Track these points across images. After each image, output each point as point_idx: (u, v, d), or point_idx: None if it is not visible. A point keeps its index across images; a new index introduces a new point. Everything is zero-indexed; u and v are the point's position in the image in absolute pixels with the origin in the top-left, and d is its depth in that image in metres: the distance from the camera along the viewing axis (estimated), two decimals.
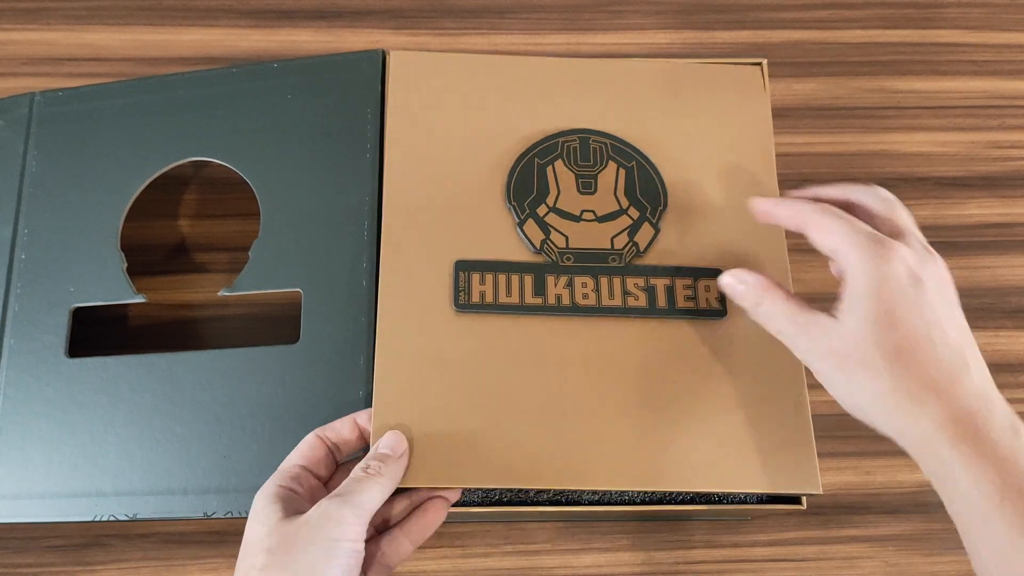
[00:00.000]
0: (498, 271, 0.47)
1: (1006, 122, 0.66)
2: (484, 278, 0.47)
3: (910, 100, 0.66)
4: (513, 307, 0.47)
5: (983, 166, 0.65)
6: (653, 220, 0.49)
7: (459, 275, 0.47)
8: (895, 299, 0.38)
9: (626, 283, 0.48)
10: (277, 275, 0.52)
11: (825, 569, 0.57)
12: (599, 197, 0.50)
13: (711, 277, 0.48)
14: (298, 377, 0.49)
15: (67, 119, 0.57)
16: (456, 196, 0.49)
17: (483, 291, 0.47)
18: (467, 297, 0.47)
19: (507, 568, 0.56)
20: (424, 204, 0.49)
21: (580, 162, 0.51)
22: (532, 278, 0.47)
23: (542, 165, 0.50)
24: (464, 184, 0.50)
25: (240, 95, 0.55)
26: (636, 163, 0.51)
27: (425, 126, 0.51)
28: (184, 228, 0.63)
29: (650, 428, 0.45)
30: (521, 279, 0.47)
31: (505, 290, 0.47)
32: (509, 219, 0.49)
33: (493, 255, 0.48)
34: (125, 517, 0.49)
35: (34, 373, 0.52)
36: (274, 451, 0.48)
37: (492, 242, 0.48)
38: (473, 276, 0.47)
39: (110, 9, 0.68)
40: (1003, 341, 0.61)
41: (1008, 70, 0.67)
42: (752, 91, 0.54)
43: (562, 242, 0.48)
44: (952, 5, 0.69)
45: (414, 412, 0.45)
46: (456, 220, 0.49)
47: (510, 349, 0.46)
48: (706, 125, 0.52)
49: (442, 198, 0.49)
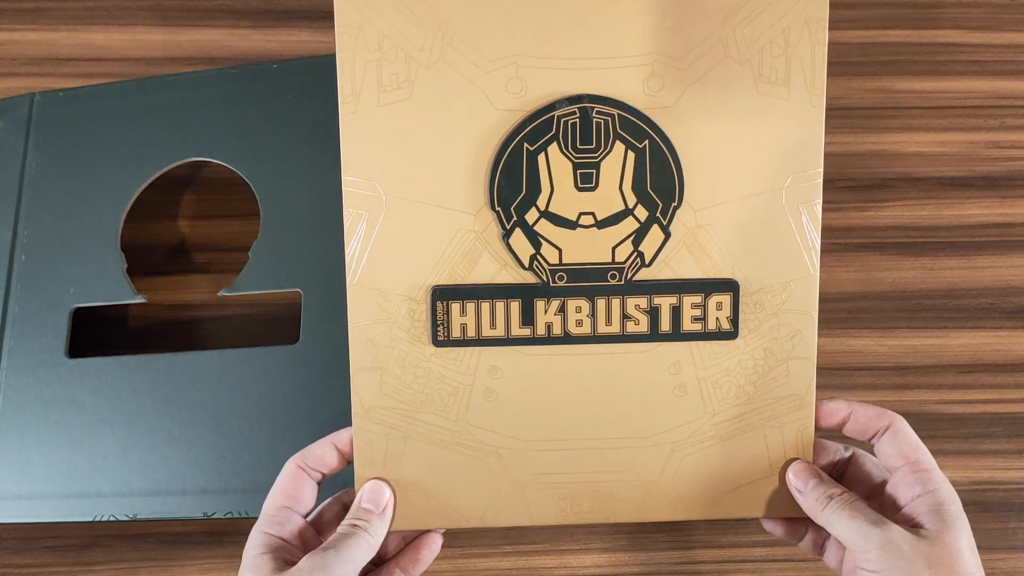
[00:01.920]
0: (480, 298, 0.42)
1: (1006, 122, 0.66)
2: (465, 308, 0.42)
3: (910, 100, 0.66)
4: (499, 340, 0.42)
5: (983, 166, 0.65)
6: (664, 222, 0.42)
7: (436, 305, 0.42)
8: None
9: (626, 305, 0.43)
10: (277, 275, 0.52)
11: (825, 569, 0.57)
12: (601, 194, 0.42)
13: (724, 292, 0.43)
14: (298, 377, 0.49)
15: (67, 119, 0.57)
16: (428, 197, 0.41)
17: (464, 324, 0.42)
18: (447, 332, 0.42)
19: (507, 568, 0.56)
20: (390, 210, 0.41)
21: (580, 145, 0.42)
22: (519, 305, 0.42)
23: (532, 152, 0.41)
24: (437, 181, 0.41)
25: (240, 95, 0.55)
26: (650, 143, 0.42)
27: (381, 107, 0.41)
28: (184, 228, 0.63)
29: (650, 459, 0.44)
30: (507, 307, 0.42)
31: (489, 321, 0.42)
32: (493, 227, 0.42)
33: (474, 277, 0.42)
34: (125, 517, 0.49)
35: (34, 374, 0.52)
36: (274, 451, 0.48)
37: (472, 258, 0.42)
38: (452, 306, 0.42)
39: (110, 9, 0.68)
40: (1003, 341, 0.61)
41: (1008, 70, 0.67)
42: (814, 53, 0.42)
43: (554, 257, 0.42)
44: (952, 5, 0.69)
45: (397, 454, 0.43)
46: (430, 232, 0.42)
47: (497, 384, 0.43)
48: (746, 85, 0.42)
49: (412, 200, 0.42)
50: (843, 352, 0.61)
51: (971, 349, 0.61)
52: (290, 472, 0.43)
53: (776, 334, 0.43)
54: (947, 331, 0.61)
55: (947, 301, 0.62)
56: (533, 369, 0.43)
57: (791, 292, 0.43)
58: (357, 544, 0.40)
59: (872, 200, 0.63)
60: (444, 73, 0.41)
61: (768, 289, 0.43)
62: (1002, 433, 0.59)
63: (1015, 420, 0.59)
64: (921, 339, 0.61)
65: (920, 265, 0.63)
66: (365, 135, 0.41)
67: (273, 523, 0.42)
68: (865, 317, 0.61)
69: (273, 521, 0.42)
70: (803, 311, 0.43)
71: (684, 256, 0.43)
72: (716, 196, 0.42)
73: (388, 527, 0.43)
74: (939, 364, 0.61)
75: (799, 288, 0.43)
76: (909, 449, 0.42)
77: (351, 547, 0.40)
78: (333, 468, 0.44)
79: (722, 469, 0.44)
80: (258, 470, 0.48)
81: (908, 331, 0.61)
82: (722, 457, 0.44)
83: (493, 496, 0.43)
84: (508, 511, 0.43)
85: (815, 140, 0.42)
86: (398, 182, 0.41)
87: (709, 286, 0.43)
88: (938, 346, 0.61)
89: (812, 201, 0.42)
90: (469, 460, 0.43)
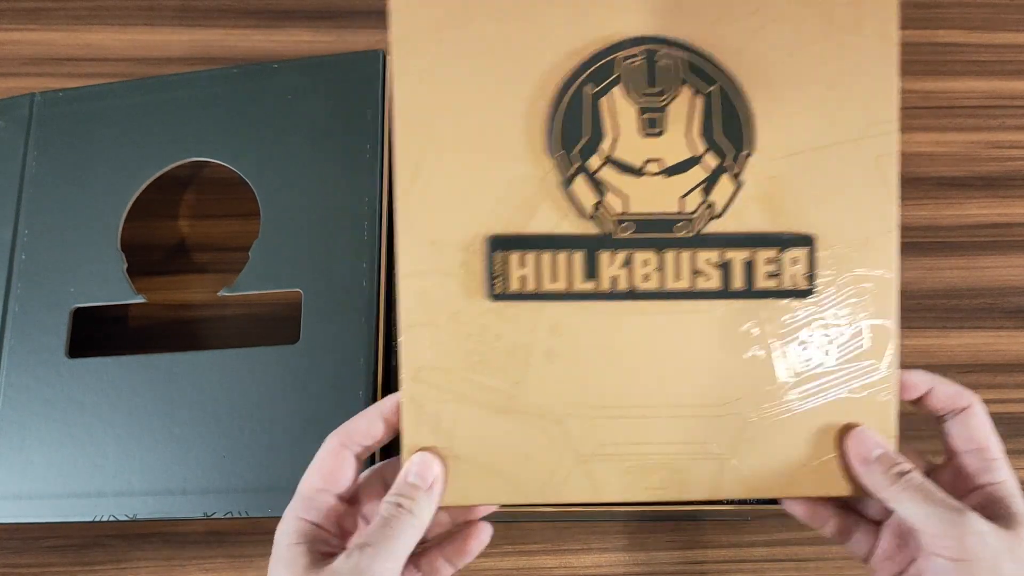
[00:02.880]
0: (541, 248, 0.39)
1: (1006, 122, 0.66)
2: (524, 259, 0.39)
3: (910, 100, 0.66)
4: (560, 295, 0.39)
5: (983, 166, 0.65)
6: (735, 171, 0.40)
7: (494, 256, 0.39)
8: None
9: (696, 258, 0.40)
10: (277, 275, 0.52)
11: (825, 569, 0.57)
12: (668, 140, 0.40)
13: (801, 247, 0.40)
14: (298, 377, 0.49)
15: (67, 119, 0.57)
16: (482, 143, 0.39)
17: (523, 276, 0.39)
18: (504, 285, 0.39)
19: (507, 568, 0.56)
20: (442, 157, 0.39)
21: (645, 89, 0.40)
22: (582, 256, 0.39)
23: (595, 95, 0.39)
24: (492, 126, 0.39)
25: (240, 95, 0.55)
26: (719, 87, 0.40)
27: (436, 49, 0.39)
28: (184, 228, 0.63)
29: (722, 429, 0.40)
30: (569, 258, 0.39)
31: (550, 274, 0.39)
32: (553, 174, 0.39)
33: (533, 227, 0.39)
34: (125, 517, 0.49)
35: (34, 373, 0.52)
36: (274, 451, 0.48)
37: (531, 207, 0.39)
38: (511, 257, 0.39)
39: (110, 9, 0.68)
40: (1003, 341, 0.61)
41: (1008, 70, 0.67)
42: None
43: (619, 206, 0.39)
44: (952, 5, 0.69)
45: (449, 420, 0.39)
46: (485, 179, 0.39)
47: (558, 343, 0.40)
48: (817, 30, 0.40)
49: (466, 147, 0.39)
50: None
51: (971, 349, 0.61)
52: (331, 449, 0.39)
53: (854, 294, 0.40)
54: (947, 331, 0.61)
55: (947, 301, 0.62)
56: (598, 327, 0.40)
57: (870, 249, 0.40)
58: (401, 532, 0.37)
59: None
60: (502, 11, 0.39)
61: (847, 244, 0.40)
62: (1002, 433, 0.59)
63: (1015, 420, 0.59)
64: (920, 339, 0.61)
65: (920, 265, 0.63)
66: (418, 75, 0.39)
67: (310, 508, 0.38)
68: None
69: (310, 506, 0.38)
70: (881, 270, 0.40)
71: (756, 208, 0.40)
72: (790, 145, 0.40)
73: (436, 506, 0.39)
74: (938, 364, 0.61)
75: (878, 245, 0.40)
76: (982, 435, 0.39)
77: (395, 537, 0.36)
78: (379, 440, 0.40)
79: (799, 442, 0.40)
80: (258, 470, 0.48)
81: (908, 331, 0.61)
82: (799, 429, 0.40)
83: (554, 468, 0.40)
84: (570, 486, 0.40)
85: (890, 90, 0.40)
86: (451, 126, 0.39)
87: (784, 241, 0.40)
88: (937, 346, 0.61)
89: (890, 152, 0.40)
90: (528, 428, 0.39)
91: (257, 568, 0.56)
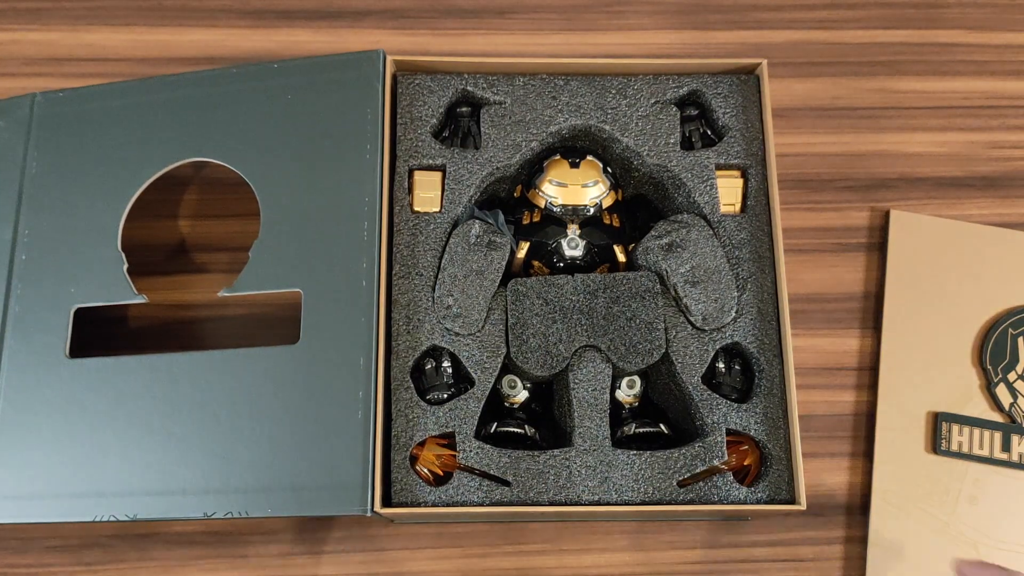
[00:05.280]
0: (974, 426, 0.57)
1: (1006, 122, 0.66)
2: (963, 430, 0.57)
3: (910, 100, 0.66)
4: (984, 459, 0.56)
5: (983, 166, 0.65)
6: None
7: (941, 424, 0.57)
8: None
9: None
10: (277, 275, 0.52)
11: (825, 569, 0.57)
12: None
13: None
14: (298, 377, 0.49)
15: (67, 120, 0.57)
16: (935, 351, 0.59)
17: (961, 441, 0.57)
18: (948, 444, 0.57)
19: (507, 568, 0.56)
20: (912, 356, 0.59)
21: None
22: (1000, 436, 0.57)
23: (1015, 335, 0.59)
24: (942, 341, 0.59)
25: (240, 95, 0.55)
26: None
27: (919, 286, 0.60)
28: (184, 228, 0.63)
29: None
30: (991, 435, 0.57)
31: (979, 442, 0.57)
32: (982, 380, 0.58)
33: (963, 410, 0.58)
34: (125, 517, 0.49)
35: (34, 373, 0.52)
36: (274, 451, 0.48)
37: (962, 397, 0.58)
38: (954, 427, 0.57)
39: (110, 9, 0.68)
40: None
41: (1008, 70, 0.67)
42: None
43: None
44: (952, 5, 0.69)
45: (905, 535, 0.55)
46: (932, 373, 0.58)
47: (978, 492, 0.56)
48: None
49: (926, 351, 0.59)
50: (843, 352, 0.61)
51: None
52: None
53: None
54: None
55: None
56: (1009, 487, 0.56)
57: None
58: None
59: (872, 200, 0.63)
60: (970, 274, 0.60)
61: None
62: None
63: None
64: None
65: None
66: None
67: None
68: (866, 316, 0.61)
69: None
70: None
71: None
72: None
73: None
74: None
75: None
76: None
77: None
78: None
79: None
80: (258, 470, 0.48)
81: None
82: None
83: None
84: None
85: None
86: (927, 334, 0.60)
87: None
88: None
89: None
90: (953, 547, 0.55)
91: (257, 568, 0.56)
